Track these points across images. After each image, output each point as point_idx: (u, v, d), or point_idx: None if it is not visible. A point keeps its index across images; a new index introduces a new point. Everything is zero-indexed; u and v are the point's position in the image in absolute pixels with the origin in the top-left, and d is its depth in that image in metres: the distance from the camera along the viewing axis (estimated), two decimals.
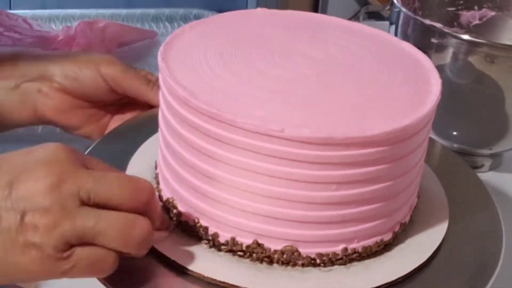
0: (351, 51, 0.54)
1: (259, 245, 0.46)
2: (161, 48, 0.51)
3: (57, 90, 0.62)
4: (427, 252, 0.50)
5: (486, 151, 0.77)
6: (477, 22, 0.83)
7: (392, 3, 0.76)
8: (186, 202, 0.49)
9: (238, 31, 0.56)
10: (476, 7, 0.83)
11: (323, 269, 0.47)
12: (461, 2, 0.83)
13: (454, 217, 0.54)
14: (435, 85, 0.50)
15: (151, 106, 0.63)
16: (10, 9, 1.17)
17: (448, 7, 0.83)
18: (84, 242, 0.40)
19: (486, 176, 0.77)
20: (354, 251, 0.48)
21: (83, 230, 0.40)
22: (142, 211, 0.42)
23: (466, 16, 0.83)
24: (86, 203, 0.40)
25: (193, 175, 0.47)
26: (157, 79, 0.63)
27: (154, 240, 0.44)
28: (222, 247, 0.47)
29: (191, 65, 0.49)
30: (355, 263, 0.48)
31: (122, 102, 0.65)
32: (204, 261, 0.47)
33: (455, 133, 0.75)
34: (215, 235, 0.47)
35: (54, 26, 1.01)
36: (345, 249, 0.47)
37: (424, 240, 0.51)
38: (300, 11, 0.61)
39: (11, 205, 0.39)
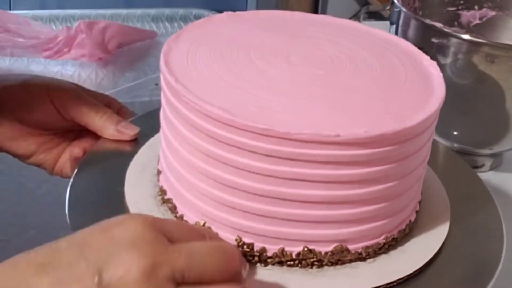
0: (354, 51, 0.54)
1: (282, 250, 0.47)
2: (163, 48, 0.51)
3: (6, 117, 0.59)
4: (430, 253, 0.50)
5: (487, 151, 0.77)
6: (477, 22, 0.83)
7: (393, 3, 0.76)
8: (184, 199, 0.49)
9: (240, 32, 0.56)
10: (476, 7, 0.83)
11: (325, 268, 0.47)
12: (462, 2, 0.83)
13: (455, 217, 0.54)
14: (439, 83, 0.50)
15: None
16: (10, 9, 1.17)
17: (448, 7, 0.83)
18: None
19: (487, 175, 0.77)
20: (356, 252, 0.48)
21: None
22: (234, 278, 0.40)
23: (467, 16, 0.83)
24: (180, 283, 0.37)
25: (195, 177, 0.47)
26: (112, 109, 0.60)
27: None
28: None
29: (193, 66, 0.49)
30: (357, 263, 0.48)
31: (80, 129, 0.61)
32: None
33: (455, 133, 0.75)
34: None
35: (54, 26, 1.02)
36: (349, 249, 0.47)
37: (426, 240, 0.51)
38: (302, 12, 0.61)
39: None
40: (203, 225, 0.47)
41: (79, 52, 0.89)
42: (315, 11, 1.29)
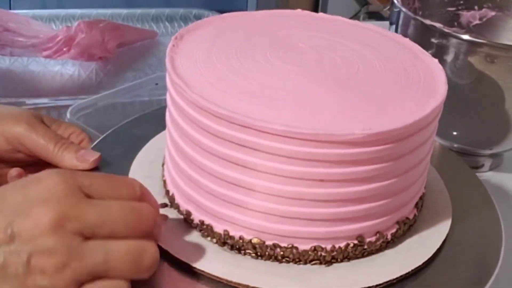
0: (355, 49, 0.54)
1: (269, 244, 0.47)
2: (168, 49, 0.51)
3: None
4: (429, 252, 0.50)
5: (486, 151, 0.77)
6: (477, 22, 0.83)
7: (392, 3, 0.76)
8: (191, 199, 0.49)
9: (243, 32, 0.56)
10: (476, 7, 0.83)
11: (325, 265, 0.47)
12: (461, 2, 0.83)
13: (454, 217, 0.54)
14: (441, 80, 0.51)
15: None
16: (10, 9, 1.17)
17: (448, 7, 0.83)
18: (96, 277, 0.39)
19: (486, 176, 0.77)
20: (357, 248, 0.48)
21: (93, 267, 0.38)
22: (147, 235, 0.41)
23: (466, 16, 0.83)
24: (91, 237, 0.39)
25: (200, 174, 0.47)
26: (68, 138, 0.57)
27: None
28: (228, 245, 0.48)
29: (198, 66, 0.50)
30: (356, 260, 0.48)
31: (18, 157, 0.57)
32: (212, 260, 0.47)
33: (455, 133, 0.75)
34: (225, 234, 0.48)
35: (54, 26, 1.02)
36: (348, 246, 0.47)
37: (426, 239, 0.51)
38: (304, 11, 0.61)
39: (15, 248, 0.37)
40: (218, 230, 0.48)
41: (79, 51, 0.89)
42: (315, 11, 1.30)
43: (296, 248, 0.47)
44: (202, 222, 0.48)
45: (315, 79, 0.49)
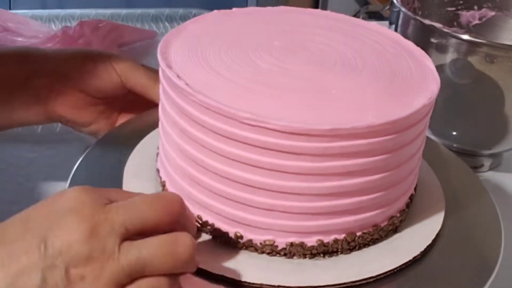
0: (349, 45, 0.54)
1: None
2: (161, 43, 0.51)
3: (70, 87, 0.63)
4: (421, 246, 0.50)
5: (486, 151, 0.77)
6: (476, 22, 0.83)
7: (392, 3, 0.76)
8: (191, 197, 0.49)
9: (236, 28, 0.56)
10: (476, 7, 0.83)
11: (316, 259, 0.48)
12: (461, 2, 0.83)
13: (452, 217, 0.54)
14: (433, 76, 0.51)
15: (152, 106, 0.62)
16: (10, 9, 1.17)
17: (447, 7, 0.83)
18: (135, 277, 0.39)
19: (486, 176, 0.77)
20: (347, 242, 0.48)
21: (130, 267, 0.39)
22: (178, 225, 0.42)
23: (466, 16, 0.83)
24: (125, 236, 0.39)
25: (193, 167, 0.47)
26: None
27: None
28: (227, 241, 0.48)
29: (189, 59, 0.50)
30: (346, 255, 0.48)
31: (128, 100, 0.66)
32: (208, 256, 0.47)
33: (454, 133, 0.75)
34: (217, 229, 0.48)
35: (53, 26, 1.01)
36: (338, 240, 0.48)
37: (418, 234, 0.51)
38: (298, 8, 0.61)
39: (52, 262, 0.38)
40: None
41: None
42: None
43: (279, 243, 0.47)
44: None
45: (310, 73, 0.50)
